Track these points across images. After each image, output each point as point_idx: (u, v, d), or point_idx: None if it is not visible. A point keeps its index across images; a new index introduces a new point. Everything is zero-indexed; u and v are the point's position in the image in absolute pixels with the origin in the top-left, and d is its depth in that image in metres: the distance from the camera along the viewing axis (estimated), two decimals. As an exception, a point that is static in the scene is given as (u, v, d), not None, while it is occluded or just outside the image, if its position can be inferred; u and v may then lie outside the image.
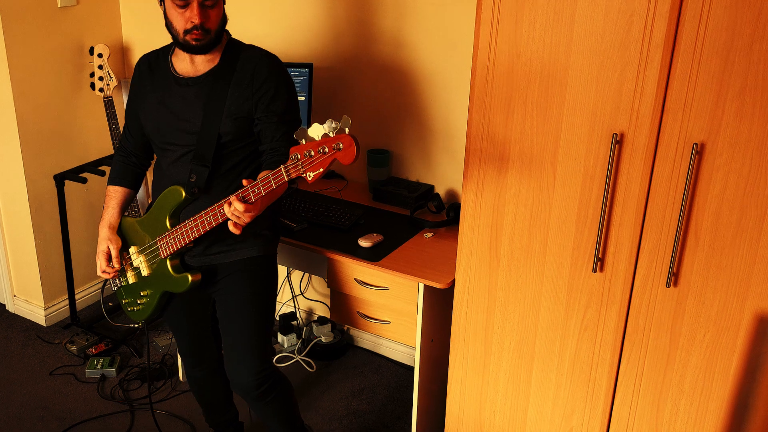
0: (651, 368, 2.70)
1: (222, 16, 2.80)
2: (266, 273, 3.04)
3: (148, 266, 2.98)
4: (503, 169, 2.76)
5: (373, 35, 3.80)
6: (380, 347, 4.39)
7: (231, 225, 2.60)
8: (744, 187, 2.34)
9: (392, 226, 3.51)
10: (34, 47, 4.19)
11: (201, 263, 2.97)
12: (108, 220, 3.06)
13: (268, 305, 3.07)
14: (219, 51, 2.86)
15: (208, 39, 2.76)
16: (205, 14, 2.71)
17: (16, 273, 4.72)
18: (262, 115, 2.80)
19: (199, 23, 2.70)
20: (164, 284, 2.98)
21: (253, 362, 3.02)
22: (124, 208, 3.11)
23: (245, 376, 3.02)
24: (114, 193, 3.10)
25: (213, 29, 2.75)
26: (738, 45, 2.22)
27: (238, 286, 2.99)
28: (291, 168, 2.40)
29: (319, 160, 2.34)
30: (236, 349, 3.02)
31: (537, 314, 2.87)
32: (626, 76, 2.42)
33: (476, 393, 3.14)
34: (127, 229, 3.04)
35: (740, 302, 2.46)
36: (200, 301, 3.14)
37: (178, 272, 2.92)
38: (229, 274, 2.98)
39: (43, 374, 4.20)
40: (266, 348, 3.06)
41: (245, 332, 3.01)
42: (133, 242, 3.02)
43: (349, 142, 2.30)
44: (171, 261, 2.92)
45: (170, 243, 2.86)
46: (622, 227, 2.59)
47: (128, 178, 3.13)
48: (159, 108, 2.90)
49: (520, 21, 2.54)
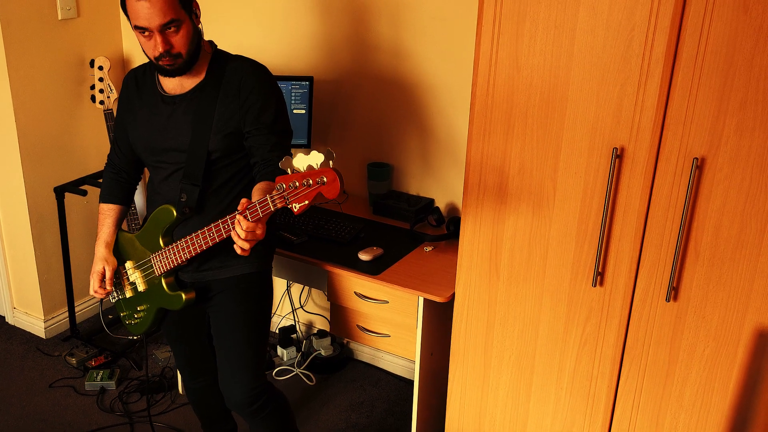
0: (650, 382, 2.70)
1: (191, 36, 2.71)
2: (260, 289, 3.03)
3: (144, 282, 2.97)
4: (504, 183, 2.76)
5: (373, 48, 3.80)
6: (379, 360, 4.38)
7: (239, 248, 2.52)
8: (744, 201, 2.34)
9: (392, 240, 3.51)
10: (35, 59, 4.20)
11: (194, 279, 2.95)
12: (104, 239, 3.05)
13: (260, 322, 3.05)
14: (204, 65, 2.82)
15: (180, 62, 2.71)
16: (167, 42, 2.64)
17: (15, 285, 4.72)
18: (251, 128, 2.76)
19: (163, 51, 2.65)
20: (159, 300, 2.97)
21: (246, 379, 3.00)
22: (119, 224, 3.10)
23: (238, 392, 3.01)
24: (108, 211, 3.08)
25: (183, 52, 2.69)
26: (738, 60, 2.23)
27: (231, 303, 2.97)
28: (277, 198, 2.36)
29: (304, 193, 2.31)
30: (228, 366, 3.02)
31: (537, 328, 2.87)
32: (627, 90, 2.42)
33: (476, 406, 3.14)
34: (124, 244, 3.03)
35: (740, 316, 2.46)
36: (195, 316, 3.13)
37: (172, 290, 2.91)
38: (222, 291, 2.97)
39: (43, 386, 4.20)
40: (259, 364, 3.04)
41: (237, 349, 2.99)
42: (130, 257, 3.01)
43: (332, 176, 2.27)
44: (165, 279, 2.91)
45: (164, 261, 2.85)
46: (622, 241, 2.59)
47: (120, 195, 3.11)
48: (147, 126, 2.87)
49: (520, 34, 2.55)
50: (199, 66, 2.81)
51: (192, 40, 2.71)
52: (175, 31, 2.65)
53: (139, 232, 2.95)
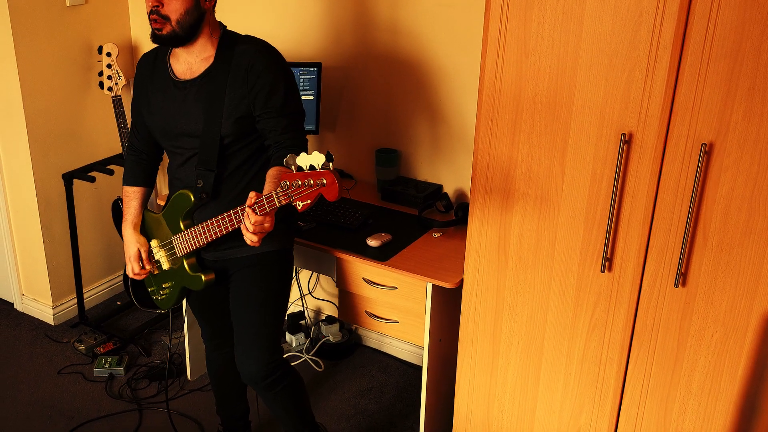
0: (659, 368, 2.70)
1: (188, 9, 2.71)
2: (279, 268, 3.06)
3: (168, 261, 3.04)
4: (512, 169, 2.76)
5: (382, 34, 3.80)
6: (388, 346, 4.39)
7: (248, 239, 2.59)
8: (752, 187, 2.34)
9: (401, 226, 3.51)
10: (43, 46, 4.20)
11: (215, 257, 3.00)
12: (131, 221, 3.11)
13: (278, 299, 3.08)
14: (213, 49, 2.84)
15: (170, 29, 2.72)
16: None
17: (24, 272, 4.73)
18: (261, 112, 2.79)
19: (152, 7, 2.68)
20: (182, 280, 3.05)
21: (261, 353, 3.03)
22: (144, 205, 3.16)
23: (252, 366, 3.03)
24: (132, 194, 3.13)
25: (172, 18, 2.70)
26: (746, 45, 2.22)
27: (250, 280, 3.01)
28: (281, 195, 2.44)
29: (306, 192, 2.39)
30: (245, 341, 3.04)
31: (545, 314, 2.87)
32: (635, 75, 2.42)
33: (484, 392, 3.15)
34: (150, 222, 3.10)
35: (748, 302, 2.46)
36: (220, 291, 3.16)
37: (194, 271, 2.99)
38: (241, 268, 3.01)
39: (52, 373, 4.21)
40: (275, 340, 3.07)
41: (254, 324, 3.02)
42: (154, 236, 3.08)
43: (331, 179, 2.35)
44: (187, 260, 2.98)
45: (186, 243, 2.91)
46: (631, 227, 2.59)
47: (143, 176, 3.15)
48: (161, 111, 2.90)
49: (529, 20, 2.54)
50: (208, 49, 2.83)
51: (188, 12, 2.72)
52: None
53: (163, 211, 3.01)
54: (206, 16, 2.79)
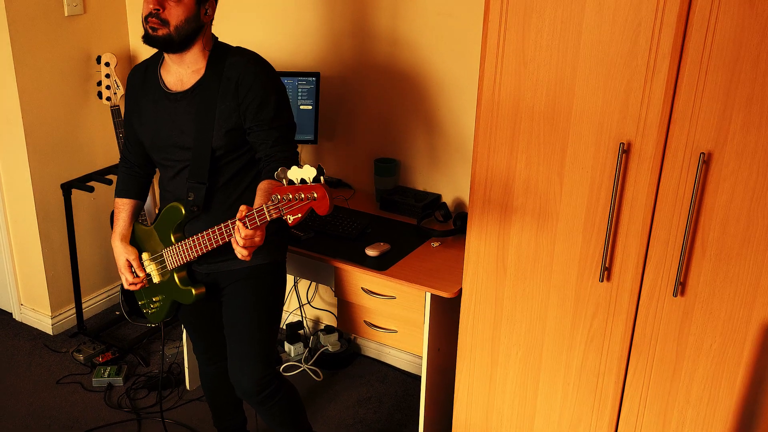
0: (658, 378, 2.70)
1: (188, 17, 2.71)
2: (272, 280, 3.05)
3: (159, 274, 3.02)
4: (510, 179, 2.76)
5: (380, 43, 3.80)
6: (386, 356, 4.39)
7: (238, 253, 2.58)
8: (751, 197, 2.34)
9: (399, 235, 3.51)
10: (42, 56, 4.21)
11: (207, 270, 2.99)
12: (120, 232, 3.09)
13: (271, 312, 3.07)
14: (204, 61, 2.83)
15: (165, 33, 2.71)
16: (161, 2, 2.68)
17: (23, 281, 4.73)
18: (252, 125, 2.77)
19: (154, 9, 2.67)
20: (172, 294, 3.02)
21: (255, 367, 3.01)
22: (134, 217, 3.14)
23: (246, 381, 3.02)
24: (123, 206, 3.12)
25: (171, 23, 2.69)
26: (745, 55, 2.23)
27: (243, 292, 3.00)
28: (272, 208, 2.42)
29: (297, 206, 2.37)
30: (238, 355, 3.03)
31: (544, 324, 2.87)
32: (633, 85, 2.42)
33: (483, 402, 3.14)
34: (141, 235, 3.08)
35: (747, 312, 2.46)
36: (211, 306, 3.15)
37: (184, 285, 2.97)
38: (234, 282, 2.99)
39: (50, 383, 4.21)
40: (269, 354, 3.06)
41: (247, 338, 3.01)
42: (146, 248, 3.06)
43: (322, 193, 2.33)
44: (178, 273, 2.96)
45: (176, 256, 2.90)
46: (629, 236, 2.59)
47: (134, 189, 3.14)
48: (151, 123, 2.89)
49: (527, 29, 2.55)
50: (199, 62, 2.83)
51: (188, 21, 2.72)
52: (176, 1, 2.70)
53: (154, 224, 2.99)
54: (204, 29, 2.79)
